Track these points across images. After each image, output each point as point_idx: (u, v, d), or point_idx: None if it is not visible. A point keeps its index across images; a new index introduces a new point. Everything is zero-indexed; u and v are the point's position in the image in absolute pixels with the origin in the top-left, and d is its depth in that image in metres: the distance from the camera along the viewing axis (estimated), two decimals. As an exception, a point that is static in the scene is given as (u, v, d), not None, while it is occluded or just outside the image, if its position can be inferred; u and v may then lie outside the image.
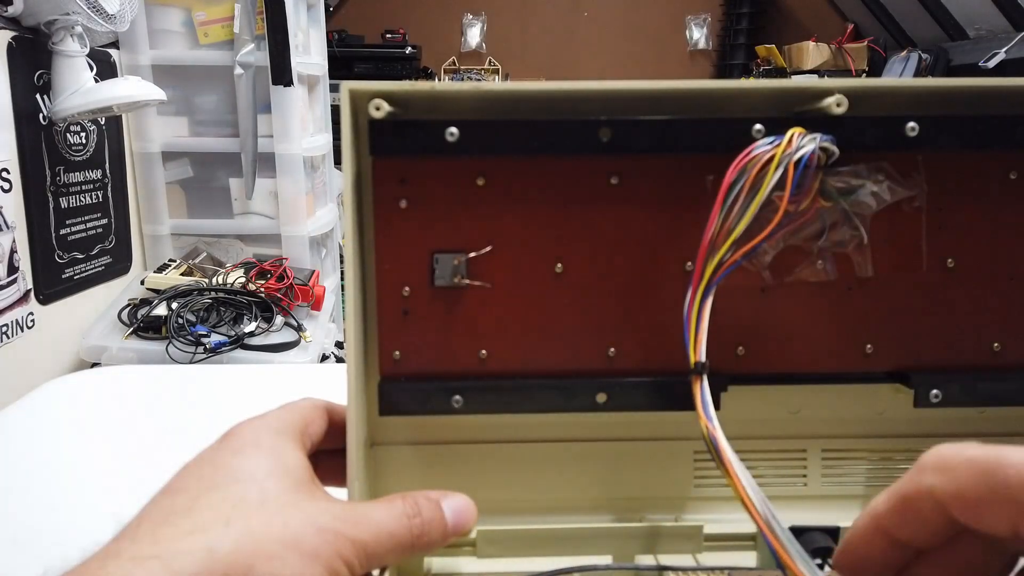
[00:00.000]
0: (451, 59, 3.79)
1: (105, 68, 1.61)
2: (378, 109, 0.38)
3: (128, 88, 1.40)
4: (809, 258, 0.39)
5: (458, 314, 0.40)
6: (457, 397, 0.40)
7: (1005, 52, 2.49)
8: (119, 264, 1.66)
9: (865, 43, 3.27)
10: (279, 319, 1.50)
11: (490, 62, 3.80)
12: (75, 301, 1.50)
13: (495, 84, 0.42)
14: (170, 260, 1.68)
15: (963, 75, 2.81)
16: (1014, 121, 0.39)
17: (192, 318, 1.43)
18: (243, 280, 1.57)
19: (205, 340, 1.38)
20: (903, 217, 0.40)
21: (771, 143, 0.35)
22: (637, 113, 0.39)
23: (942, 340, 0.40)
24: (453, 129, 0.38)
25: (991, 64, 2.52)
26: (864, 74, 3.20)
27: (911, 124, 0.38)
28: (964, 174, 0.40)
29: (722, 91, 0.38)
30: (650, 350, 0.40)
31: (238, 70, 1.68)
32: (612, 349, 0.40)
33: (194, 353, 1.37)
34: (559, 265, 0.40)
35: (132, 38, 1.66)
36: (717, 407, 0.37)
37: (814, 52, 3.25)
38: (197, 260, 1.72)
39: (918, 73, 2.81)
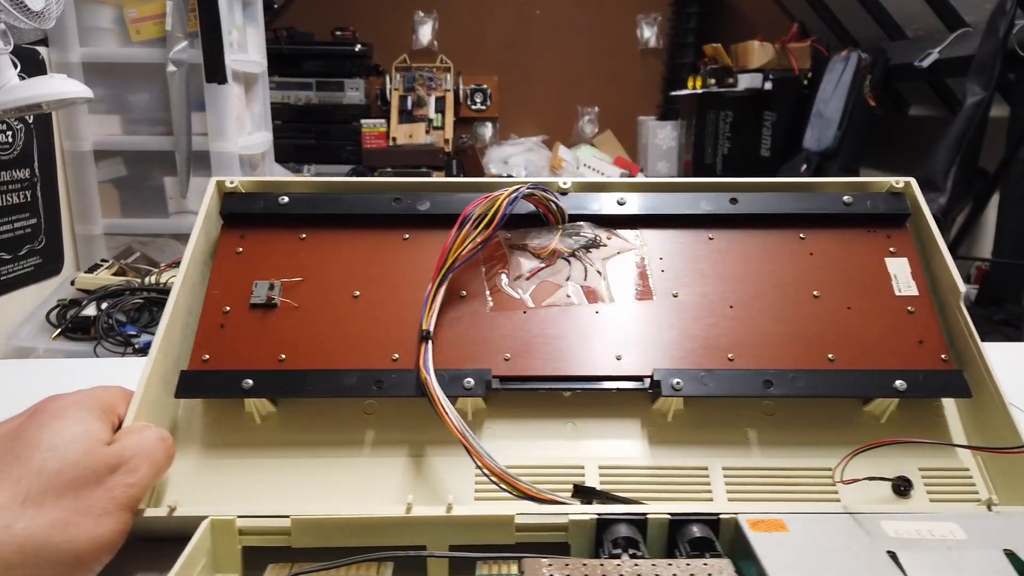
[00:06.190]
0: (402, 56, 3.78)
1: (32, 65, 1.58)
2: (231, 183, 0.54)
3: (53, 86, 1.38)
4: (559, 290, 0.51)
5: (267, 327, 0.49)
6: (248, 380, 0.46)
7: (939, 52, 2.56)
8: (50, 264, 1.64)
9: (808, 43, 3.33)
10: (212, 318, 1.48)
11: (442, 60, 3.80)
12: (2, 302, 1.47)
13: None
14: (102, 260, 1.66)
15: (901, 74, 2.87)
16: (698, 199, 0.54)
17: (123, 318, 1.42)
18: (176, 279, 1.56)
19: (135, 340, 1.37)
20: (633, 263, 0.52)
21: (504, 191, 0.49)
22: (423, 190, 0.54)
23: (680, 352, 0.48)
24: (284, 197, 0.54)
25: (925, 63, 2.58)
26: (807, 73, 3.25)
27: (620, 196, 0.54)
28: (674, 237, 0.54)
29: (489, 184, 0.53)
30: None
31: (171, 67, 1.66)
32: (396, 355, 0.48)
33: (123, 353, 1.35)
34: (357, 291, 0.50)
35: (61, 35, 1.63)
36: (487, 399, 0.47)
37: (759, 51, 3.30)
38: (130, 260, 1.70)
39: (857, 72, 2.87)
